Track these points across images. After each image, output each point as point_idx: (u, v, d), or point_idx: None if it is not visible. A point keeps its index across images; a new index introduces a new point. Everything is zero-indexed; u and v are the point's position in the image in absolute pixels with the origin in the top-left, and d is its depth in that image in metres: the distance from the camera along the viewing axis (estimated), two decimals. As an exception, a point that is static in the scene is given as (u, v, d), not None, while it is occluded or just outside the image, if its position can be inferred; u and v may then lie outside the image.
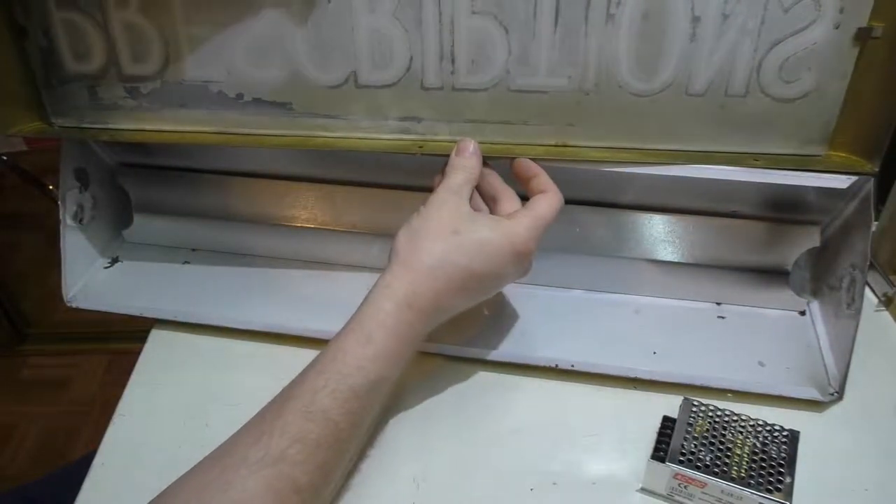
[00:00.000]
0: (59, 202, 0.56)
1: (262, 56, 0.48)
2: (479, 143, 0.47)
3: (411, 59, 0.47)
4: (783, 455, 0.42)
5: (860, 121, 0.45)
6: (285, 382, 0.41)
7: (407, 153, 0.49)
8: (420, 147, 0.49)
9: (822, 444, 0.46)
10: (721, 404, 0.45)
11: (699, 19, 0.43)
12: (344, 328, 0.42)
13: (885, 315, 0.56)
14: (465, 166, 0.46)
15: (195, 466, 0.38)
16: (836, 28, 0.42)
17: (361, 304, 0.43)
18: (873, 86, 0.44)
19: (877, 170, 0.45)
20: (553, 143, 0.49)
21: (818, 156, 0.47)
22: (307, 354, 0.54)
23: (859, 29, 0.42)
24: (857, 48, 0.43)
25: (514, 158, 0.47)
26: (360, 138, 0.50)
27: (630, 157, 0.47)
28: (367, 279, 0.59)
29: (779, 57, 0.44)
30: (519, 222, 0.43)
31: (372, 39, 0.46)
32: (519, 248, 0.43)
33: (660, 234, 0.54)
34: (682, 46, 0.44)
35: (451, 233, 0.42)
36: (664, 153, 0.47)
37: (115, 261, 0.62)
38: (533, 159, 0.47)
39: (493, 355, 0.52)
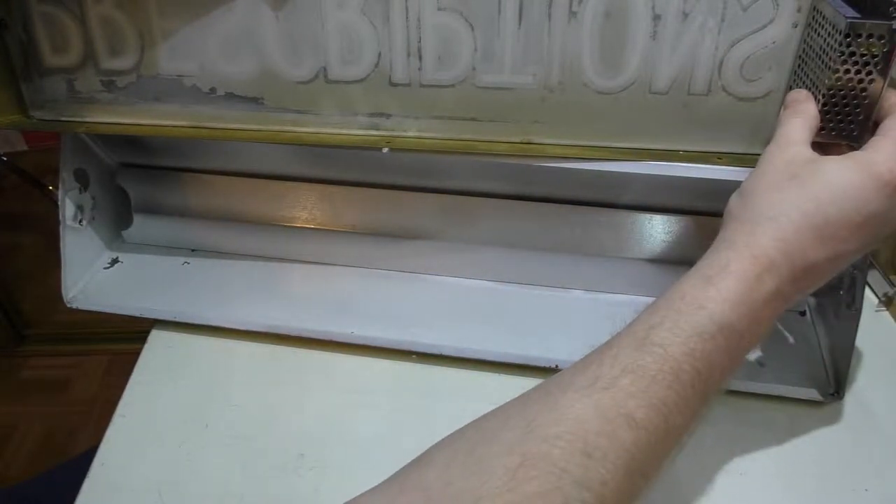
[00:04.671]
0: (59, 202, 0.56)
1: (235, 50, 0.48)
2: (444, 139, 0.46)
3: (380, 54, 0.47)
4: None
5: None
6: (285, 383, 0.40)
7: (374, 148, 0.49)
8: (388, 143, 0.49)
9: (822, 444, 0.46)
10: (720, 405, 0.45)
11: (660, 17, 0.43)
12: (673, 285, 0.36)
13: (885, 315, 0.56)
14: (797, 111, 0.40)
15: (519, 396, 0.35)
16: (795, 27, 0.42)
17: (689, 271, 0.37)
18: None
19: None
20: (518, 140, 0.49)
21: None
22: (307, 354, 0.54)
23: None
24: None
25: None
26: (329, 134, 0.50)
27: (594, 155, 0.47)
28: (367, 279, 0.59)
29: (739, 55, 0.44)
30: (875, 149, 0.37)
31: (341, 35, 0.47)
32: (883, 177, 0.35)
33: (660, 234, 0.54)
34: (643, 45, 0.44)
35: (788, 179, 0.37)
36: (628, 151, 0.48)
37: (115, 261, 0.62)
38: (497, 156, 0.46)
39: (494, 356, 0.52)
